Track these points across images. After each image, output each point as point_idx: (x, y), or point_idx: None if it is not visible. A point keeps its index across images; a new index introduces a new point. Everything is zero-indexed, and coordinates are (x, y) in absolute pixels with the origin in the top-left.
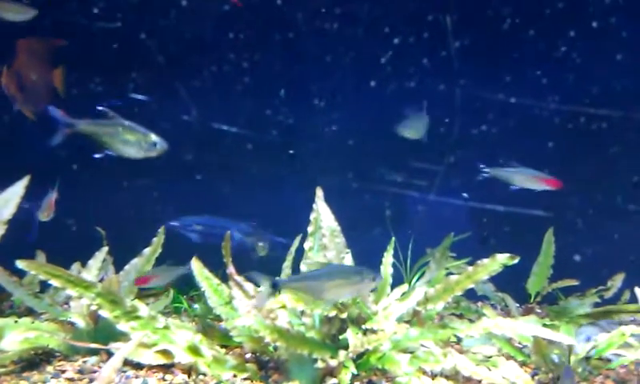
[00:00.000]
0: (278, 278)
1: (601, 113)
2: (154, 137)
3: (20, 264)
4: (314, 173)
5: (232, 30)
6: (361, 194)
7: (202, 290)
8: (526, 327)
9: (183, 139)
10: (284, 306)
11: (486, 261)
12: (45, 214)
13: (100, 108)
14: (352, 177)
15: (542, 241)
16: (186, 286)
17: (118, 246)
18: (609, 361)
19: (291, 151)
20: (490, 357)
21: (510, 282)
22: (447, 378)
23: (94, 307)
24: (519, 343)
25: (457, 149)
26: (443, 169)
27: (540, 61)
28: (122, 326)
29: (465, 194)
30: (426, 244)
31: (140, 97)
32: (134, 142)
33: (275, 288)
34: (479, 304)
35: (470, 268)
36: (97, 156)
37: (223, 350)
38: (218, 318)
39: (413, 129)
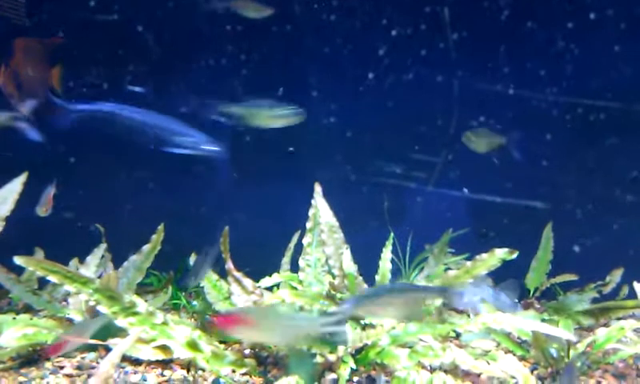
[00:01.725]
0: None
1: (599, 104)
2: None
3: (18, 260)
4: (311, 166)
5: (229, 22)
6: (359, 188)
7: (201, 285)
8: (525, 322)
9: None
10: (283, 301)
11: (484, 256)
12: (43, 210)
13: None
14: (350, 171)
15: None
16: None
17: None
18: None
19: (291, 149)
20: (489, 351)
21: (509, 277)
22: (446, 372)
23: (92, 303)
24: (519, 338)
25: (454, 142)
26: (442, 163)
27: (538, 52)
28: (120, 321)
29: (465, 189)
30: (425, 240)
31: (137, 89)
32: None
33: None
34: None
35: (469, 263)
36: None
37: (222, 346)
38: (218, 314)
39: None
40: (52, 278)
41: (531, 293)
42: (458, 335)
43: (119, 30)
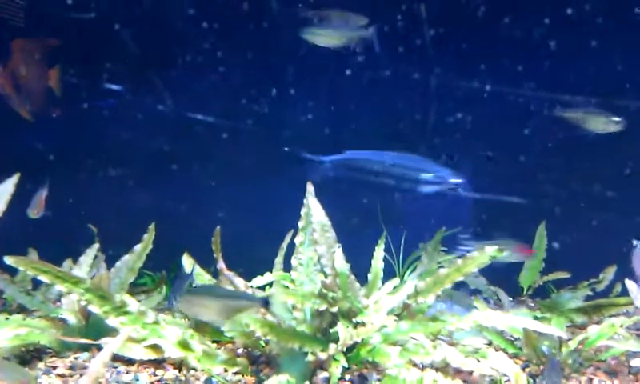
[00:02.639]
0: None
1: (578, 100)
2: None
3: (8, 260)
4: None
5: (206, 19)
6: (351, 187)
7: (194, 286)
8: (516, 319)
9: (159, 130)
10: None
11: (475, 253)
12: (35, 212)
13: None
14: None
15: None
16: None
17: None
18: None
19: (286, 148)
20: (479, 349)
21: (504, 276)
22: (437, 369)
23: (83, 302)
24: (512, 336)
25: (433, 138)
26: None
27: (515, 48)
28: (112, 321)
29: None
30: (419, 238)
31: (114, 87)
32: None
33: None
34: (472, 298)
35: (460, 261)
36: None
37: (215, 345)
38: None
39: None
40: (43, 278)
41: (524, 291)
42: (451, 333)
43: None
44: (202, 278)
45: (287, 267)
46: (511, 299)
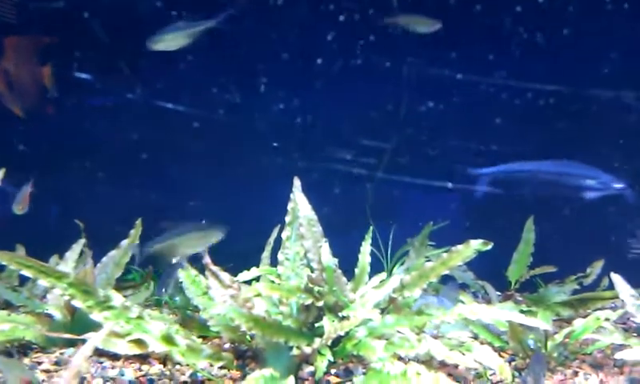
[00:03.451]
0: None
1: (548, 88)
2: None
3: None
4: (293, 160)
5: (176, 7)
6: (340, 182)
7: (180, 281)
8: (501, 313)
9: (145, 125)
10: (259, 295)
11: (460, 247)
12: (19, 208)
13: None
14: (331, 164)
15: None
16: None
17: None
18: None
19: (275, 144)
20: (464, 342)
21: (491, 270)
22: (421, 362)
23: (66, 297)
24: (499, 330)
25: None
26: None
27: (487, 36)
28: (96, 315)
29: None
30: (408, 233)
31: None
32: None
33: None
34: (458, 292)
35: (445, 254)
36: None
37: (200, 340)
38: (197, 309)
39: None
40: (26, 273)
41: (512, 285)
42: (437, 327)
43: None
44: (188, 272)
45: (274, 262)
46: (499, 293)
